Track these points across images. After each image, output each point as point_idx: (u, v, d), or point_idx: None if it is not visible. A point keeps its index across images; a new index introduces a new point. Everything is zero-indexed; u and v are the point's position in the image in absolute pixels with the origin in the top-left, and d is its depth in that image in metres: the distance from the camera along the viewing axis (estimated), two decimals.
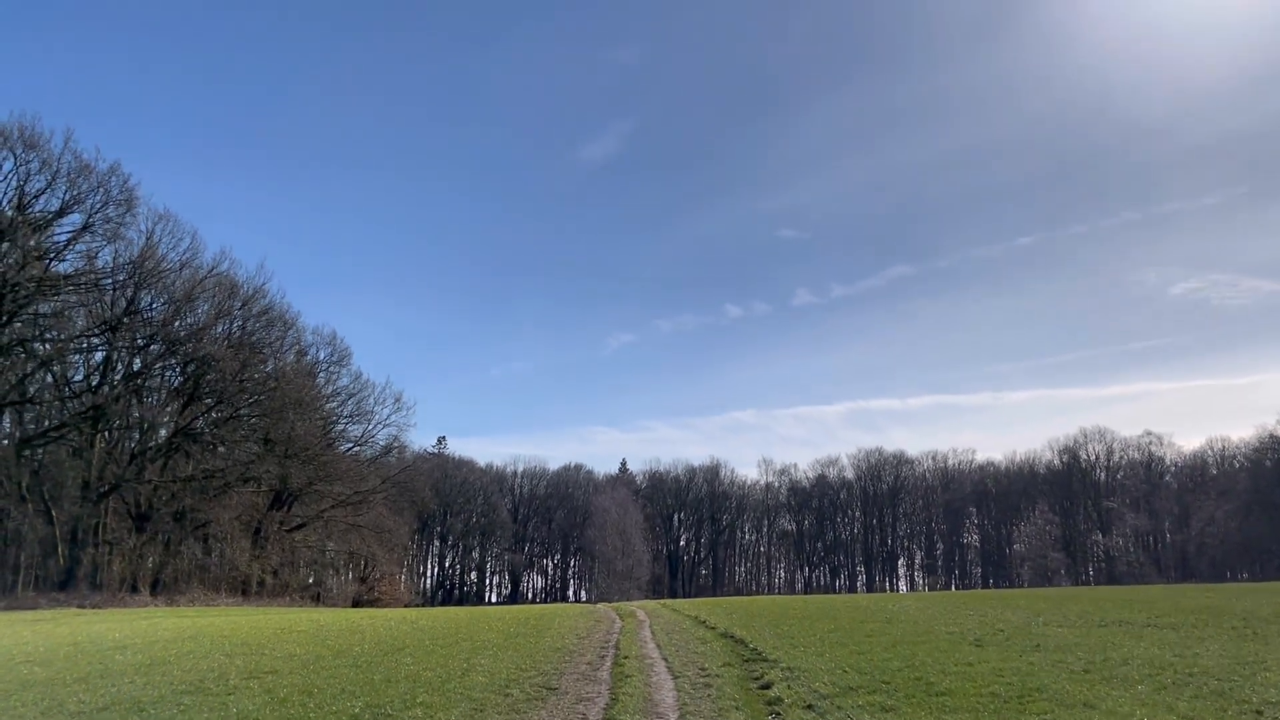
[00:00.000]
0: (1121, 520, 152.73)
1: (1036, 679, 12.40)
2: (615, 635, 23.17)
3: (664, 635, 22.46)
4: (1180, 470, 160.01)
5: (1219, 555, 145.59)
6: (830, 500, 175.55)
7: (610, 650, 19.64)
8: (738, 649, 18.50)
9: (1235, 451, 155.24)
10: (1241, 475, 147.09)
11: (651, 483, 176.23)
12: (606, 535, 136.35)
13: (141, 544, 70.33)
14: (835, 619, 24.73)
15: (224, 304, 76.51)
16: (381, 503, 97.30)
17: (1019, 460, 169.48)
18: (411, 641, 22.63)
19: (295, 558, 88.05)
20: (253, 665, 18.20)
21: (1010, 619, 22.93)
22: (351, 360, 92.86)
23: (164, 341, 73.68)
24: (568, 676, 15.59)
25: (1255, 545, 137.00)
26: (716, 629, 23.13)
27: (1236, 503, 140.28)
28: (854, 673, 13.95)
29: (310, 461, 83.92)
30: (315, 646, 22.46)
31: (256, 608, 64.53)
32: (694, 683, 14.32)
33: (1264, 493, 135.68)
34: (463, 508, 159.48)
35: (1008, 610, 26.04)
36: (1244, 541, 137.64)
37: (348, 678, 15.78)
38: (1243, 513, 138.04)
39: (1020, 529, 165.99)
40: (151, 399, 77.14)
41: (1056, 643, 17.19)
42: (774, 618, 26.14)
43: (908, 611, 26.69)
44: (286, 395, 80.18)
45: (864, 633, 20.58)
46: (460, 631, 25.79)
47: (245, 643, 24.13)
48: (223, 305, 76.50)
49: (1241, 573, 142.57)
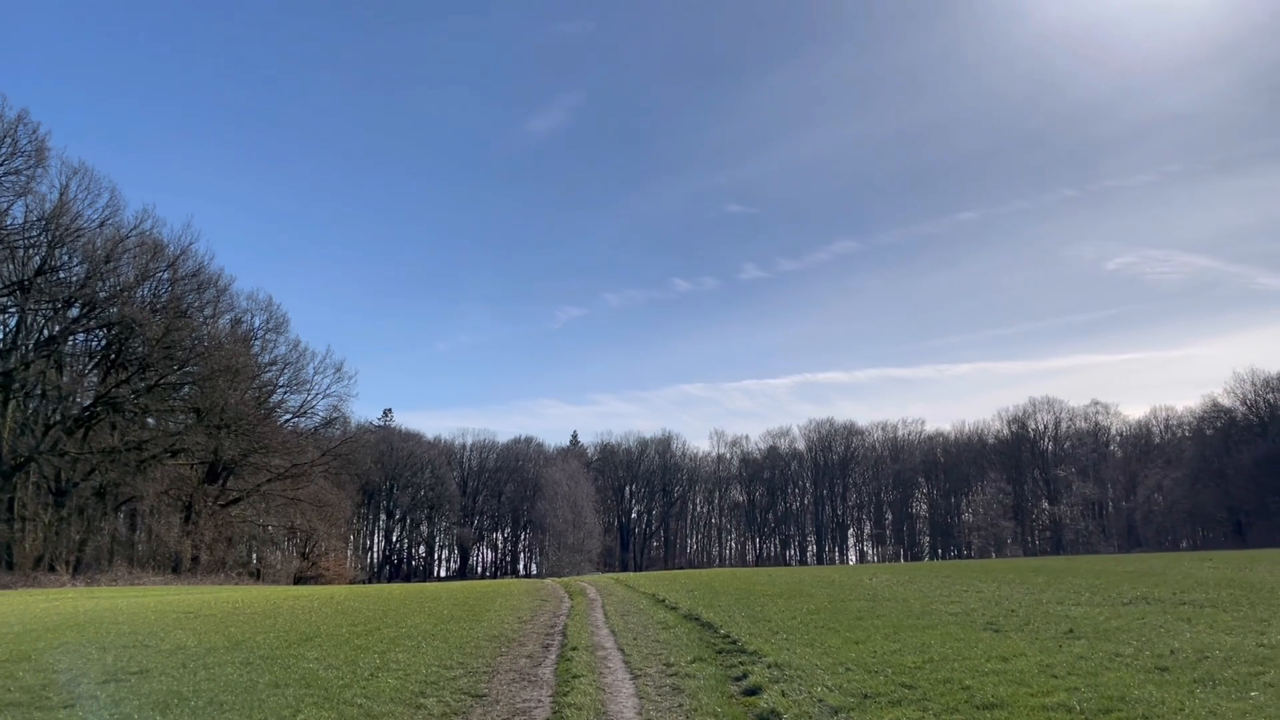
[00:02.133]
0: (1069, 489, 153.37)
1: (1107, 682, 9.66)
2: (563, 618, 20.28)
3: (619, 618, 19.61)
4: (1126, 439, 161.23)
5: (1165, 523, 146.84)
6: (781, 471, 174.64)
7: (556, 638, 16.75)
8: (707, 636, 15.68)
9: (1180, 421, 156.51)
10: (1187, 444, 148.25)
11: (603, 455, 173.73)
12: (557, 508, 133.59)
13: (59, 521, 65.89)
14: (810, 597, 22.04)
15: (148, 265, 71.76)
16: (322, 476, 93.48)
17: (968, 431, 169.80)
18: (328, 628, 19.57)
19: (231, 534, 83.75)
20: (123, 663, 15.00)
21: (1013, 595, 20.40)
22: (289, 327, 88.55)
23: (82, 304, 68.92)
24: (501, 677, 12.65)
25: (1200, 513, 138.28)
26: (679, 609, 20.35)
27: (1183, 471, 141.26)
28: (861, 671, 11.17)
29: (245, 433, 79.75)
30: (215, 636, 19.33)
31: (187, 586, 60.76)
32: (659, 685, 11.47)
33: (1209, 461, 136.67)
34: (410, 481, 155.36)
35: (1001, 585, 23.61)
36: (1190, 509, 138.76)
37: (230, 680, 12.69)
38: (1189, 480, 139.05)
39: (969, 499, 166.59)
40: (71, 366, 72.18)
41: (1092, 627, 14.57)
42: (740, 595, 23.45)
43: (890, 587, 24.09)
44: (217, 362, 75.82)
45: (851, 615, 17.83)
46: (388, 615, 22.77)
47: (135, 631, 20.91)
48: (147, 266, 71.76)
49: (1183, 540, 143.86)
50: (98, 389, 70.48)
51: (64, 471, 67.25)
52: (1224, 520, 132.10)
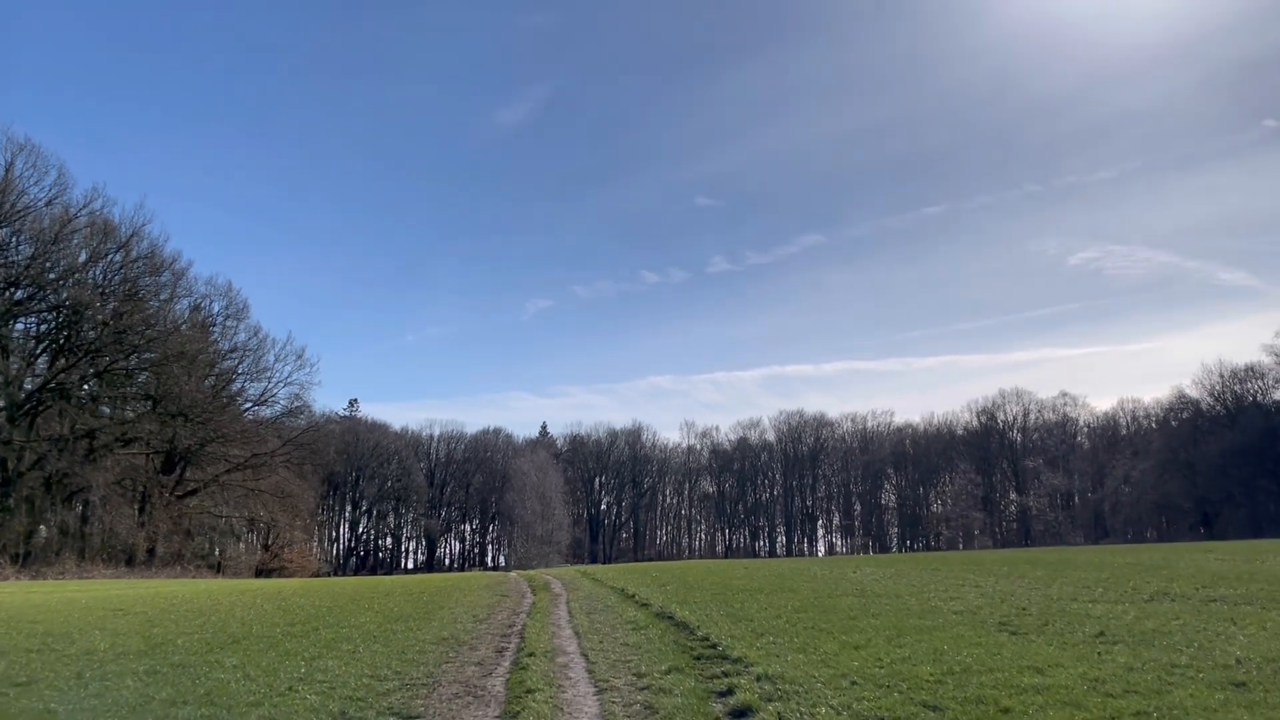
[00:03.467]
0: (1039, 480, 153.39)
1: (1180, 703, 7.85)
2: (522, 617, 18.42)
3: (584, 617, 17.76)
4: (1093, 431, 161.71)
5: (1132, 514, 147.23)
6: (751, 462, 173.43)
7: (513, 640, 14.88)
8: (683, 639, 13.83)
9: (1147, 412, 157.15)
10: (1155, 435, 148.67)
11: (572, 446, 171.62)
12: (526, 499, 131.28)
13: (3, 512, 62.96)
14: (794, 592, 20.25)
15: (99, 246, 68.75)
16: (284, 466, 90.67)
17: (937, 422, 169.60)
18: (260, 629, 17.60)
19: (189, 525, 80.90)
20: (14, 670, 13.00)
21: (1018, 591, 18.71)
22: (249, 313, 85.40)
23: (28, 286, 65.86)
24: (443, 690, 10.77)
25: (1167, 504, 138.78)
26: (650, 606, 18.51)
27: (1150, 462, 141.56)
28: (870, 686, 9.35)
29: (202, 422, 76.95)
30: (133, 638, 17.32)
31: (137, 580, 58.19)
32: (627, 702, 9.63)
33: (1176, 452, 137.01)
34: (376, 472, 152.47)
35: (999, 579, 21.92)
36: (1157, 500, 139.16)
37: (122, 697, 10.73)
38: (1156, 471, 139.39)
39: (938, 490, 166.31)
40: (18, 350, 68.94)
41: (1124, 629, 12.85)
42: (717, 590, 21.65)
43: (877, 581, 22.36)
44: (171, 348, 72.96)
45: (843, 613, 16.03)
46: (333, 612, 20.81)
47: (48, 633, 18.84)
48: (97, 247, 68.75)
49: (1148, 531, 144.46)
50: (45, 375, 67.47)
51: (9, 461, 64.29)
52: (1190, 511, 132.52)
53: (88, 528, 72.94)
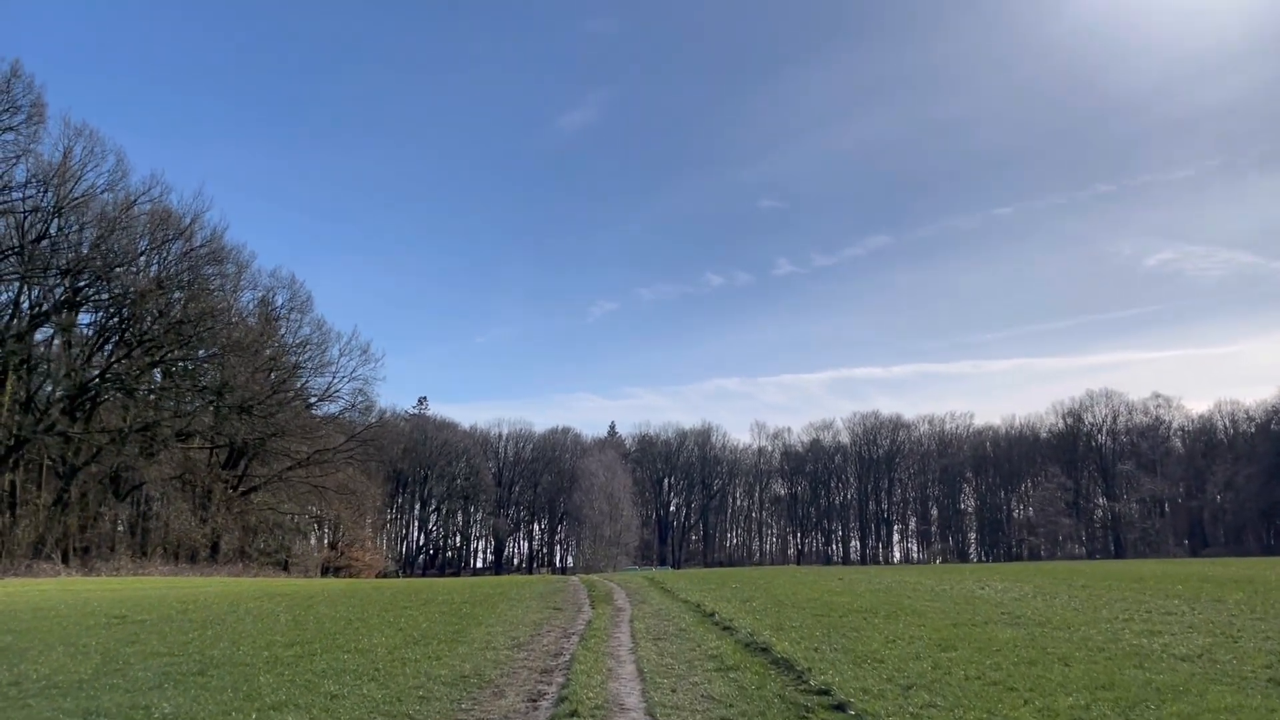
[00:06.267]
0: (1133, 486, 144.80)
1: None
2: (573, 642, 14.50)
3: (651, 644, 13.76)
4: (1188, 434, 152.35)
5: (1235, 522, 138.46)
6: (824, 465, 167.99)
7: (555, 680, 10.97)
8: (791, 690, 9.57)
9: (1248, 415, 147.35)
10: (1258, 439, 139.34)
11: (641, 446, 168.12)
12: (594, 499, 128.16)
13: (59, 506, 61.47)
14: (920, 615, 15.87)
15: (158, 233, 66.95)
16: (348, 462, 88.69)
17: (1019, 424, 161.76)
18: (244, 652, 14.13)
19: (251, 522, 79.21)
20: None
21: (1238, 622, 14.14)
22: (313, 306, 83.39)
23: (89, 274, 64.29)
24: None
25: (1276, 511, 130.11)
26: (736, 632, 14.43)
27: (1255, 467, 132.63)
28: None
29: (264, 416, 75.01)
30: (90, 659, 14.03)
31: (192, 577, 56.12)
32: None
33: None
34: (444, 470, 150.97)
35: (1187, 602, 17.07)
36: (1264, 508, 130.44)
37: None
38: (1262, 477, 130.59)
39: (1020, 495, 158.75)
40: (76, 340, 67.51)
41: None
42: (817, 610, 17.46)
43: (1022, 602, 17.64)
44: (231, 340, 71.07)
45: (1011, 655, 11.35)
46: (350, 627, 17.29)
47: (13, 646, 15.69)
48: (156, 234, 66.94)
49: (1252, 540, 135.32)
50: (103, 366, 65.94)
51: (67, 454, 62.82)
52: None
53: (147, 523, 71.42)
